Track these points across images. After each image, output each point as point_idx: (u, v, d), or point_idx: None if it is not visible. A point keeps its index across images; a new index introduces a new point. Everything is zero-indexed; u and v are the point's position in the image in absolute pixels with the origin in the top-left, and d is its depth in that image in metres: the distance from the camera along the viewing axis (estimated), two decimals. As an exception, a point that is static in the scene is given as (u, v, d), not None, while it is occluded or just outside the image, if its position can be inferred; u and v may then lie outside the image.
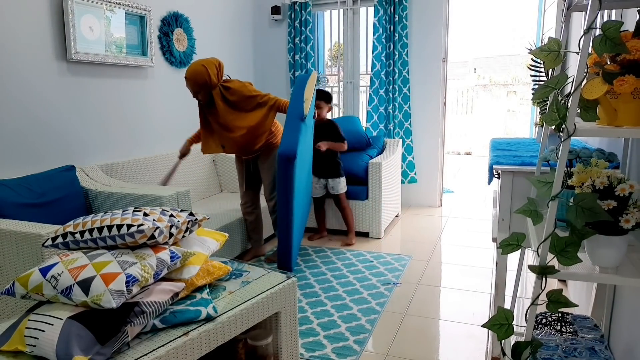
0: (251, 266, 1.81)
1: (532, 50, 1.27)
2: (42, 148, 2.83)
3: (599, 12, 1.08)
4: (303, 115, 2.83)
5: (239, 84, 2.99)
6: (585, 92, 1.14)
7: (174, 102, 3.89)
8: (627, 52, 1.09)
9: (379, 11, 4.66)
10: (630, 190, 1.15)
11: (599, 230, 1.17)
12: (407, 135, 4.78)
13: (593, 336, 1.59)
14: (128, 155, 3.46)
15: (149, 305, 1.28)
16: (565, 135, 1.11)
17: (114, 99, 3.31)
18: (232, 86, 2.96)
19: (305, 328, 2.43)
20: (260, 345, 1.65)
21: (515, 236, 1.27)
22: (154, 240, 1.35)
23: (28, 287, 1.24)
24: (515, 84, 11.26)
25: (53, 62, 2.86)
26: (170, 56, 3.78)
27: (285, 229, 2.91)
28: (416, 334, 2.39)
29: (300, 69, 5.00)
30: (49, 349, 1.12)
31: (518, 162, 1.94)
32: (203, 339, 1.34)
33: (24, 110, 2.72)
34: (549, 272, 1.16)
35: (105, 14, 3.13)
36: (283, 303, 1.66)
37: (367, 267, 3.25)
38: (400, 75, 4.68)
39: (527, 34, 15.63)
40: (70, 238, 1.37)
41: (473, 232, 4.13)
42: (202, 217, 1.56)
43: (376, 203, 3.86)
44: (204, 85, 2.87)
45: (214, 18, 4.38)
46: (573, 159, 1.47)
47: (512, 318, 1.21)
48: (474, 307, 2.68)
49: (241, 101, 2.96)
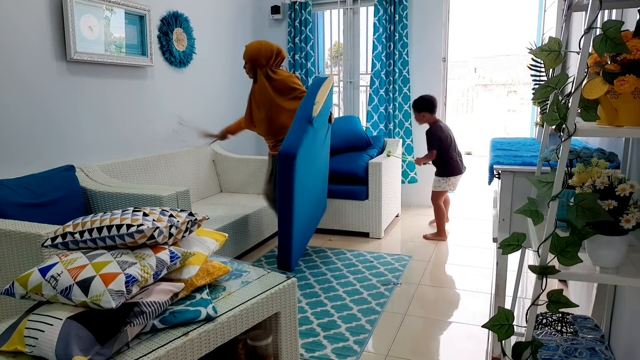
0: (251, 266, 1.81)
1: (533, 50, 1.26)
2: (41, 148, 2.83)
3: (599, 11, 1.08)
4: (311, 117, 2.83)
5: (287, 74, 3.17)
6: (586, 92, 1.14)
7: (174, 102, 3.89)
8: (628, 51, 1.09)
9: (379, 11, 4.66)
10: (630, 190, 1.15)
11: (600, 230, 1.17)
12: (408, 135, 4.78)
13: (593, 336, 1.59)
14: (128, 155, 3.46)
15: (148, 305, 1.28)
16: (566, 135, 1.11)
17: (113, 98, 3.31)
18: (279, 72, 3.15)
19: (305, 328, 2.43)
20: (260, 346, 1.64)
21: (515, 236, 1.27)
22: (153, 240, 1.35)
23: (27, 287, 1.24)
24: (516, 84, 11.26)
25: (52, 62, 2.86)
26: (169, 56, 3.78)
27: (284, 229, 2.90)
28: (416, 334, 2.39)
29: (300, 69, 5.00)
30: (49, 349, 1.12)
31: (518, 162, 1.93)
32: (203, 340, 1.34)
33: (24, 110, 2.71)
34: (549, 272, 1.16)
35: (104, 14, 3.13)
36: (283, 303, 1.65)
37: (367, 268, 3.25)
38: (401, 75, 4.68)
39: (527, 34, 15.62)
40: (69, 238, 1.36)
41: (473, 232, 4.12)
42: (202, 217, 1.56)
43: (376, 203, 3.86)
44: (251, 59, 3.07)
45: (213, 18, 4.38)
46: (573, 159, 1.47)
47: (512, 318, 1.21)
48: (474, 308, 2.68)
49: (282, 88, 3.12)
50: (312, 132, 2.90)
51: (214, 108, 4.42)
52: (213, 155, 4.16)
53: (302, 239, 3.18)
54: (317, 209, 3.44)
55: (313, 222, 3.40)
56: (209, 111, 4.32)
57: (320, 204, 3.54)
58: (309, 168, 3.01)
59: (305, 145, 2.83)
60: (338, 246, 3.73)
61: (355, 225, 3.95)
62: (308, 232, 3.31)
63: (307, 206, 3.12)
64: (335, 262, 3.37)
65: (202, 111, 4.24)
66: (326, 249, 3.66)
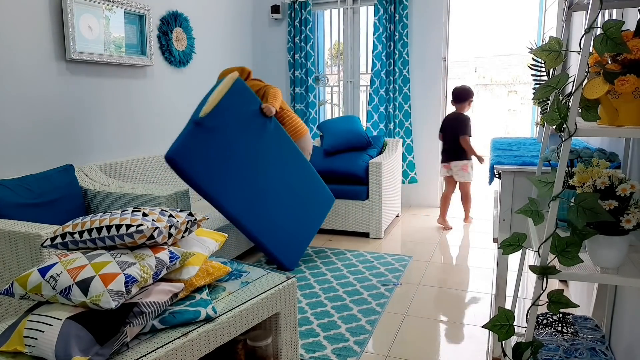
0: (251, 267, 1.80)
1: (533, 49, 1.26)
2: (40, 148, 2.82)
3: (599, 11, 1.08)
4: (196, 118, 2.78)
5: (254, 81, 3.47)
6: (586, 91, 1.14)
7: (173, 101, 3.89)
8: (628, 51, 1.09)
9: (379, 10, 4.66)
10: (631, 190, 1.14)
11: (600, 230, 1.17)
12: (408, 135, 4.77)
13: (594, 337, 1.59)
14: (127, 155, 3.45)
15: (148, 305, 1.27)
16: (566, 135, 1.10)
17: (112, 98, 3.31)
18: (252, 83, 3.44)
19: (305, 329, 2.43)
20: (260, 346, 1.64)
21: (516, 236, 1.27)
22: (153, 240, 1.35)
23: (27, 287, 1.24)
24: (516, 84, 11.26)
25: (52, 62, 2.86)
26: (169, 55, 3.78)
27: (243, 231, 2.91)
28: (417, 334, 2.39)
29: (300, 69, 5.00)
30: (48, 349, 1.12)
31: (519, 162, 1.93)
32: (202, 340, 1.33)
33: (23, 109, 2.71)
34: (550, 272, 1.16)
35: (104, 13, 3.13)
36: (283, 304, 1.65)
37: (368, 268, 3.25)
38: (401, 75, 4.68)
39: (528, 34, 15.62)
40: (69, 238, 1.36)
41: (474, 232, 4.12)
42: (202, 218, 1.56)
43: (376, 203, 3.85)
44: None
45: (213, 17, 4.37)
46: (574, 159, 1.47)
47: (512, 319, 1.21)
48: (475, 308, 2.67)
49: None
50: (205, 131, 2.81)
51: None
52: (213, 155, 4.15)
53: (290, 239, 3.13)
54: (306, 207, 3.31)
55: (307, 221, 3.29)
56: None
57: (313, 201, 3.39)
58: (244, 169, 2.95)
59: (196, 146, 2.75)
60: (338, 246, 3.73)
61: (355, 225, 3.94)
62: (301, 231, 3.23)
63: (270, 209, 3.05)
64: (335, 262, 3.37)
65: (202, 111, 4.23)
66: (326, 249, 3.66)
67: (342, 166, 4.00)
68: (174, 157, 2.67)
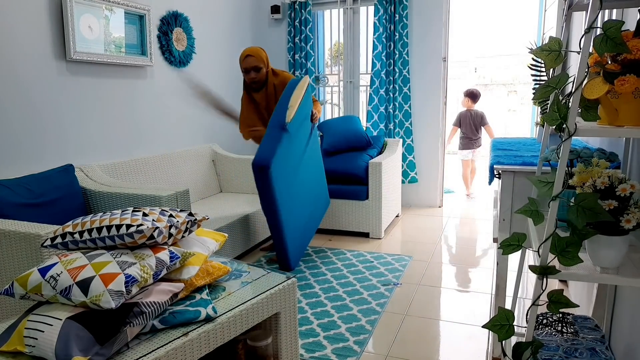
0: (251, 266, 1.80)
1: (533, 49, 1.26)
2: (41, 148, 2.82)
3: (599, 11, 1.08)
4: (284, 123, 2.79)
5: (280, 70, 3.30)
6: (586, 91, 1.14)
7: (173, 101, 3.89)
8: (628, 51, 1.09)
9: (379, 10, 4.66)
10: (631, 190, 1.15)
11: (600, 230, 1.17)
12: (408, 135, 4.77)
13: (594, 337, 1.59)
14: (127, 155, 3.45)
15: (148, 305, 1.27)
16: (566, 135, 1.10)
17: (113, 98, 3.31)
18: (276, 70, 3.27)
19: (305, 329, 2.43)
20: (260, 346, 1.64)
21: (516, 236, 1.27)
22: (153, 240, 1.35)
23: (27, 287, 1.24)
24: (516, 84, 11.26)
25: (52, 62, 2.86)
26: (169, 56, 3.78)
27: (276, 235, 2.92)
28: (416, 334, 2.39)
29: (300, 69, 5.00)
30: (48, 349, 1.12)
31: (519, 162, 1.93)
32: (202, 340, 1.33)
33: (23, 110, 2.71)
34: (549, 272, 1.16)
35: (104, 14, 3.13)
36: (283, 304, 1.65)
37: (367, 268, 3.25)
38: (401, 75, 4.68)
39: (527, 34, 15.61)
40: (69, 238, 1.36)
41: (474, 232, 4.12)
42: (202, 217, 1.56)
43: (376, 203, 3.85)
44: (266, 60, 3.19)
45: (213, 17, 4.37)
46: (574, 159, 1.47)
47: (512, 318, 1.21)
48: (475, 308, 2.67)
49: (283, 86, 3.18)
50: (288, 138, 2.84)
51: (214, 108, 4.41)
52: (213, 155, 4.16)
53: (301, 239, 3.17)
54: (315, 208, 3.41)
55: (312, 221, 3.38)
56: (208, 111, 4.32)
57: (319, 201, 3.49)
58: (293, 172, 2.98)
59: (280, 153, 2.76)
60: (338, 246, 3.73)
61: (355, 225, 3.95)
62: (307, 231, 3.29)
63: (299, 209, 3.10)
64: (335, 262, 3.37)
65: (202, 111, 4.23)
66: (326, 249, 3.66)
67: (342, 166, 4.00)
68: (267, 164, 2.60)
